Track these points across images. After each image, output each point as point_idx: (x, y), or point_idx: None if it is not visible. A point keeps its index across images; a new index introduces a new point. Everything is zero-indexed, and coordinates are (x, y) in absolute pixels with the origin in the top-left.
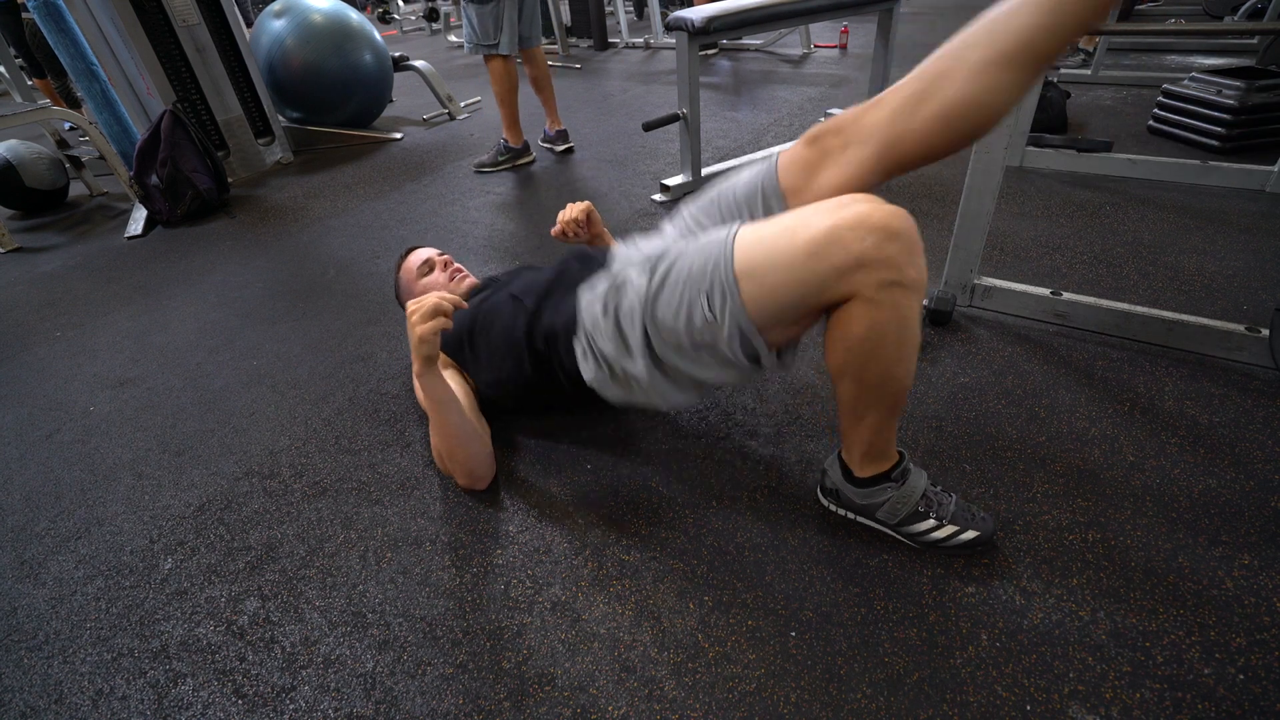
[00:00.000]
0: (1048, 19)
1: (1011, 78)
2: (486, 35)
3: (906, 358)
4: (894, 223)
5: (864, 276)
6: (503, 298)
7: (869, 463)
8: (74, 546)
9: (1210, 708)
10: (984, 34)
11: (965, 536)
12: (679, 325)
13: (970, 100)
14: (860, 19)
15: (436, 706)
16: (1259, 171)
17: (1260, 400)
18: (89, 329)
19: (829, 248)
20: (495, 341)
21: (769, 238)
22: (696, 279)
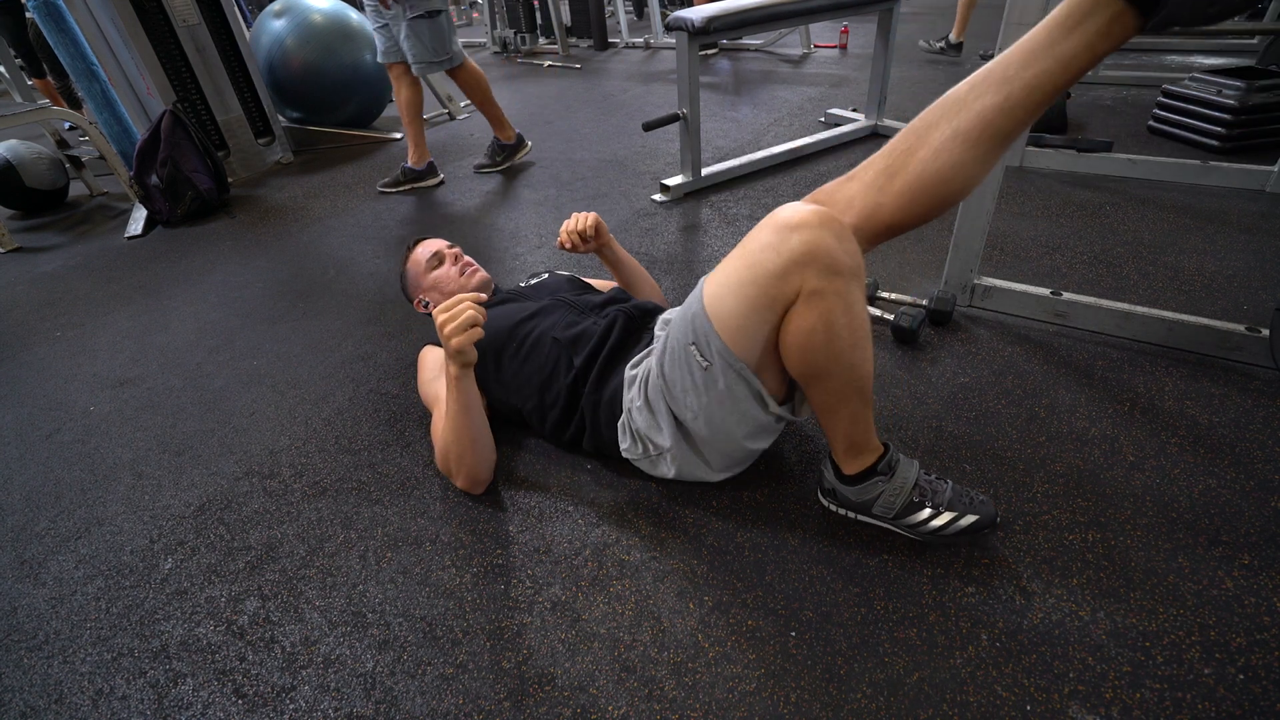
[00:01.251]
0: (1001, 99)
1: (973, 154)
2: (442, 50)
3: (860, 343)
4: (811, 217)
5: (800, 273)
6: (543, 334)
7: (853, 458)
8: (74, 546)
9: (1210, 708)
10: (944, 112)
11: (964, 522)
12: (686, 381)
13: (935, 176)
14: (860, 19)
15: (436, 706)
16: (1259, 171)
17: (1260, 400)
18: (89, 329)
19: (763, 255)
20: (528, 376)
21: (721, 271)
22: (684, 333)
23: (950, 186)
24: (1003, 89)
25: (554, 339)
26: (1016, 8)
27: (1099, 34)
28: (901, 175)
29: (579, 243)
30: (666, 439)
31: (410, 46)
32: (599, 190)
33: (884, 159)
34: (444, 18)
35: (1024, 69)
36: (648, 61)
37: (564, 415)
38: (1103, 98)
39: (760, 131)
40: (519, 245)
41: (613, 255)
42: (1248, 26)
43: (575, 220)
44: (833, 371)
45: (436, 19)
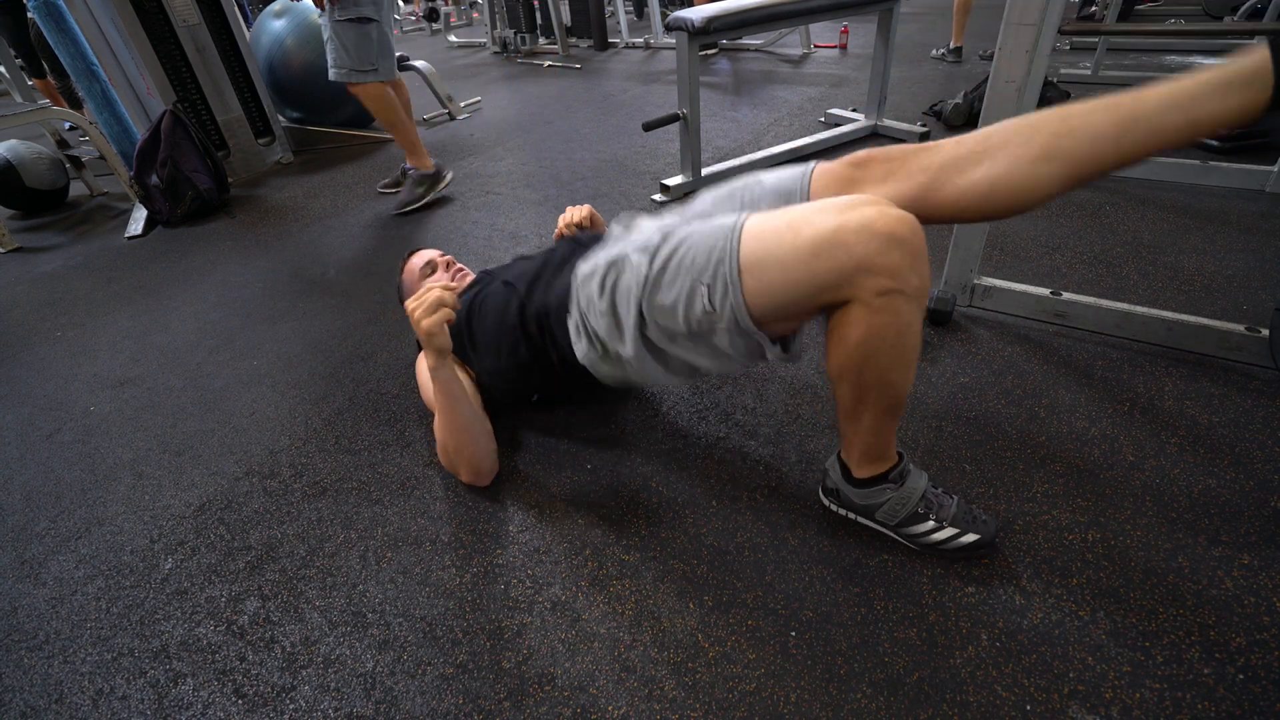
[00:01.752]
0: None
1: (1064, 175)
2: (363, 60)
3: (905, 364)
4: (899, 229)
5: (864, 281)
6: (496, 286)
7: (867, 464)
8: (74, 546)
9: (1210, 708)
10: (1057, 122)
11: (965, 539)
12: (677, 313)
13: (1019, 180)
14: (860, 19)
15: (436, 706)
16: (1259, 171)
17: (1260, 400)
18: (89, 329)
19: (831, 249)
20: (490, 328)
21: (772, 232)
22: (699, 268)
23: (1025, 198)
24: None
25: (503, 282)
26: (1016, 8)
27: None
28: (984, 165)
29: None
30: (629, 349)
31: (330, 50)
32: (599, 190)
33: (974, 142)
34: (375, 29)
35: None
36: (648, 61)
37: (528, 345)
38: None
39: (760, 131)
40: (519, 245)
41: None
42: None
43: (570, 213)
44: (869, 383)
45: (365, 27)
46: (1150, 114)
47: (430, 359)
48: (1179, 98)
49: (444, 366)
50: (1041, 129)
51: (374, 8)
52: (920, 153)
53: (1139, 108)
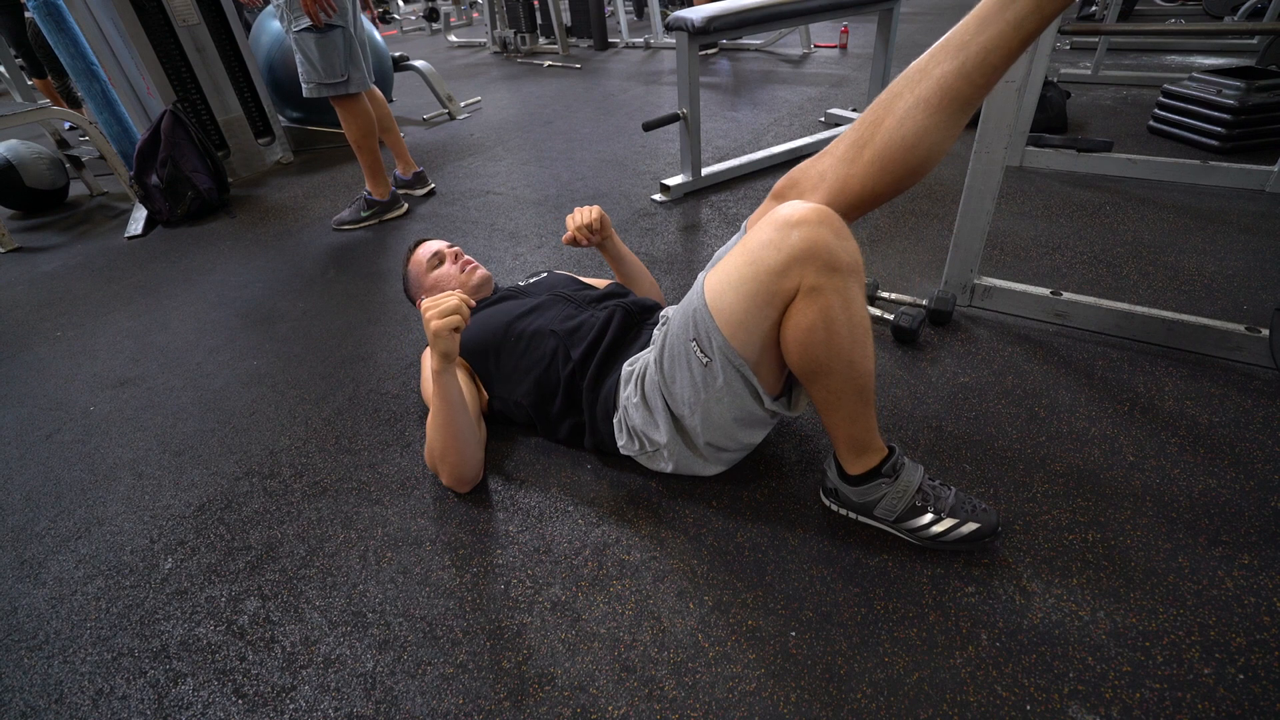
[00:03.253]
0: (959, 64)
1: (936, 120)
2: (332, 71)
3: (860, 340)
4: (810, 215)
5: (800, 269)
6: (541, 328)
7: (857, 457)
8: (74, 546)
9: (1210, 708)
10: (906, 83)
11: (965, 529)
12: (684, 378)
13: (901, 143)
14: (860, 19)
15: (436, 706)
16: (1259, 171)
17: (1260, 400)
18: (89, 329)
19: (763, 252)
20: (525, 369)
21: (721, 267)
22: (684, 329)
23: (916, 153)
24: (959, 55)
25: (551, 331)
26: None
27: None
28: (870, 146)
29: (587, 236)
30: (663, 435)
31: (299, 64)
32: (599, 190)
33: (853, 133)
34: (339, 35)
35: (977, 34)
36: (648, 61)
37: (562, 409)
38: (1102, 98)
39: (760, 131)
40: (520, 245)
41: (615, 250)
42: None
43: (580, 214)
44: (833, 368)
45: (327, 35)
46: (973, 35)
47: (435, 362)
48: (988, 12)
49: (447, 371)
50: (899, 94)
51: (338, 14)
52: (817, 161)
53: (964, 35)
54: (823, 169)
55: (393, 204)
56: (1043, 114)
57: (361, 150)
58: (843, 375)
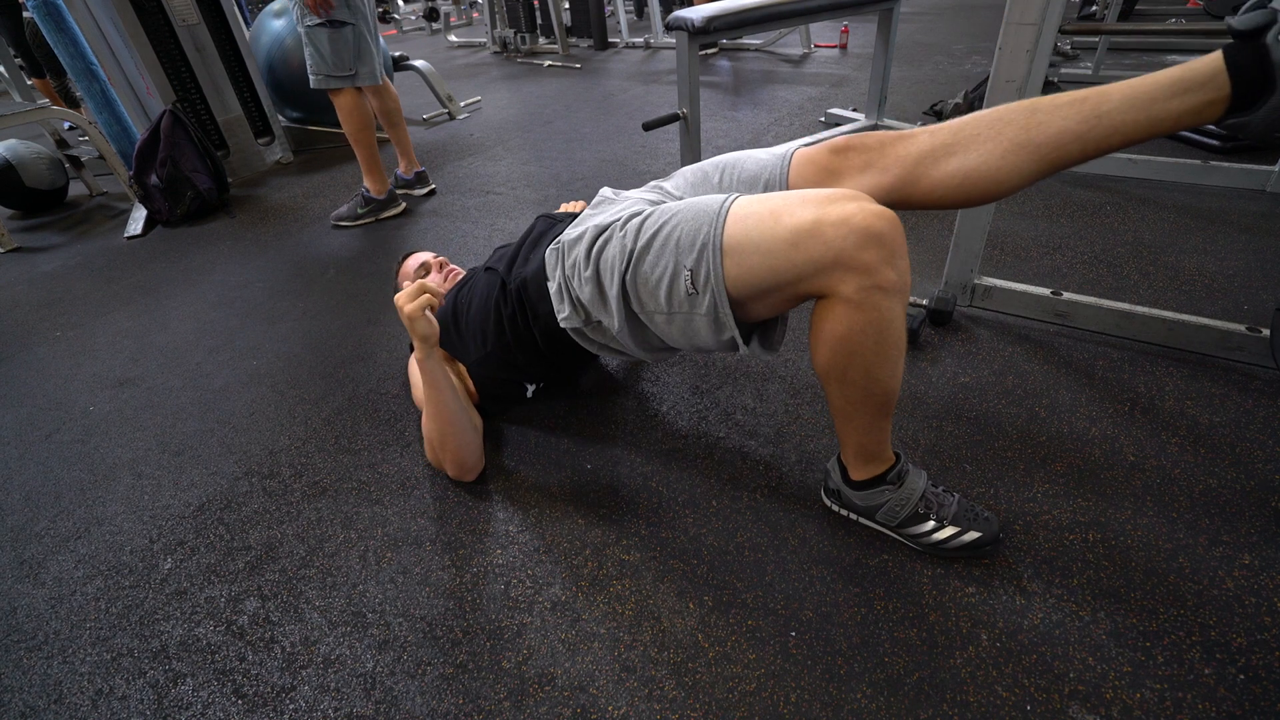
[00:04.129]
0: (1083, 129)
1: (1033, 167)
2: (341, 65)
3: (889, 360)
4: (876, 225)
5: (841, 276)
6: (479, 274)
7: (864, 465)
8: (74, 546)
9: (1210, 708)
10: (1025, 115)
11: (967, 538)
12: (660, 291)
13: (989, 172)
14: (860, 19)
15: (436, 706)
16: (1259, 171)
17: (1260, 400)
18: (89, 329)
19: (809, 240)
20: (474, 314)
21: (755, 218)
22: (684, 248)
23: (997, 189)
24: (1089, 121)
25: (484, 268)
26: (1016, 8)
27: (1196, 109)
28: (958, 157)
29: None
30: (615, 322)
31: (307, 56)
32: (599, 190)
33: (947, 134)
34: (350, 32)
35: (1118, 112)
36: (648, 61)
37: (510, 323)
38: None
39: (760, 131)
40: None
41: None
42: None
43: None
44: (856, 381)
45: (340, 30)
46: (1112, 111)
47: (417, 349)
48: (1139, 97)
49: (430, 357)
50: (1011, 123)
51: (347, 10)
52: (897, 142)
53: (1102, 104)
54: (899, 155)
55: (389, 201)
56: None
57: (358, 145)
58: (866, 389)
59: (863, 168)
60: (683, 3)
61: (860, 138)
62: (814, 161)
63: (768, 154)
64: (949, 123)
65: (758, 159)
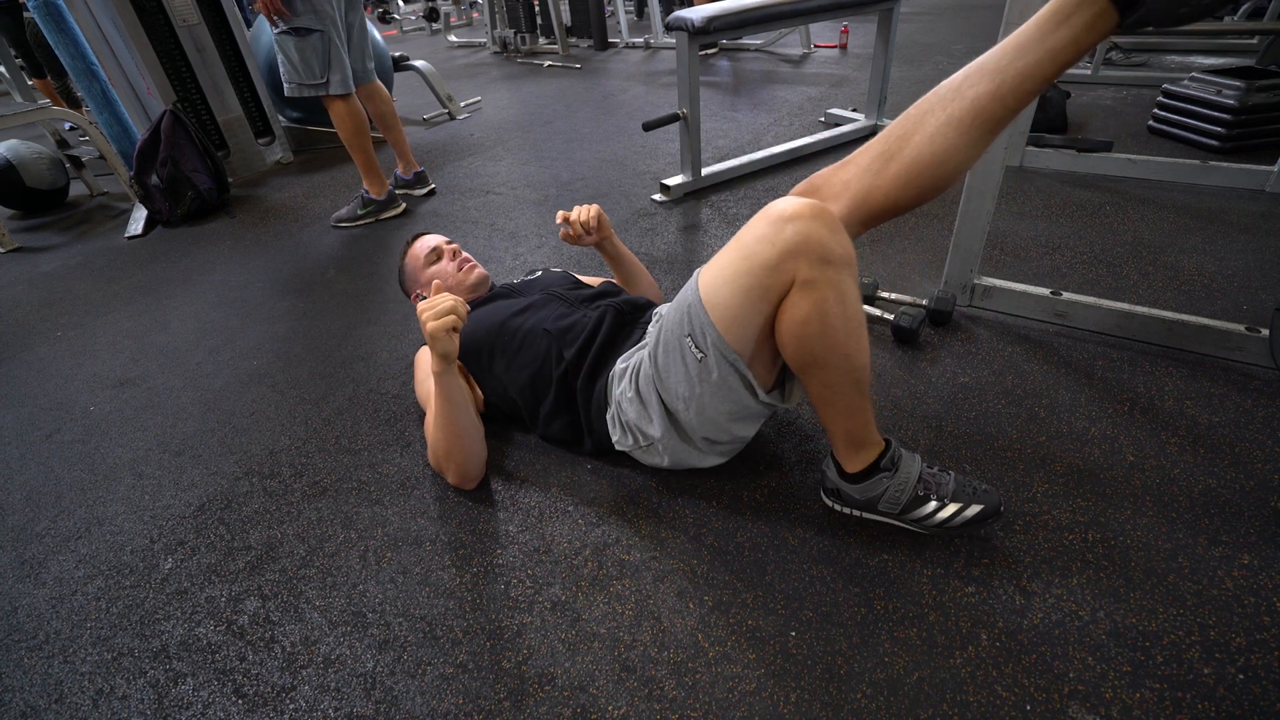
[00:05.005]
0: (994, 86)
1: (966, 139)
2: (311, 74)
3: (854, 334)
4: (804, 209)
5: (794, 263)
6: (534, 327)
7: (856, 453)
8: (74, 546)
9: (1210, 708)
10: (939, 100)
11: (970, 512)
12: (678, 371)
13: (929, 160)
14: (860, 19)
15: (436, 706)
16: (1259, 171)
17: (1260, 400)
18: (89, 329)
19: (758, 247)
20: (519, 369)
21: (714, 263)
22: (679, 324)
23: (943, 169)
24: (995, 78)
25: (545, 330)
26: (1016, 7)
27: (1084, 28)
28: (897, 159)
29: (582, 234)
30: (657, 429)
31: (280, 64)
32: (599, 190)
33: (880, 144)
34: (317, 40)
35: (1015, 60)
36: (648, 61)
37: (554, 408)
38: (1103, 98)
39: (760, 131)
40: (519, 245)
41: (613, 250)
42: (1248, 26)
43: (578, 211)
44: (828, 361)
45: (306, 38)
46: (1011, 62)
47: (435, 363)
48: (1029, 40)
49: (448, 372)
50: (929, 111)
51: (314, 17)
52: (839, 170)
53: (1001, 59)
54: (846, 178)
55: (389, 203)
56: (1043, 114)
57: (354, 149)
58: (838, 368)
59: None
60: (683, 3)
61: (810, 181)
62: None
63: None
64: (877, 136)
65: None
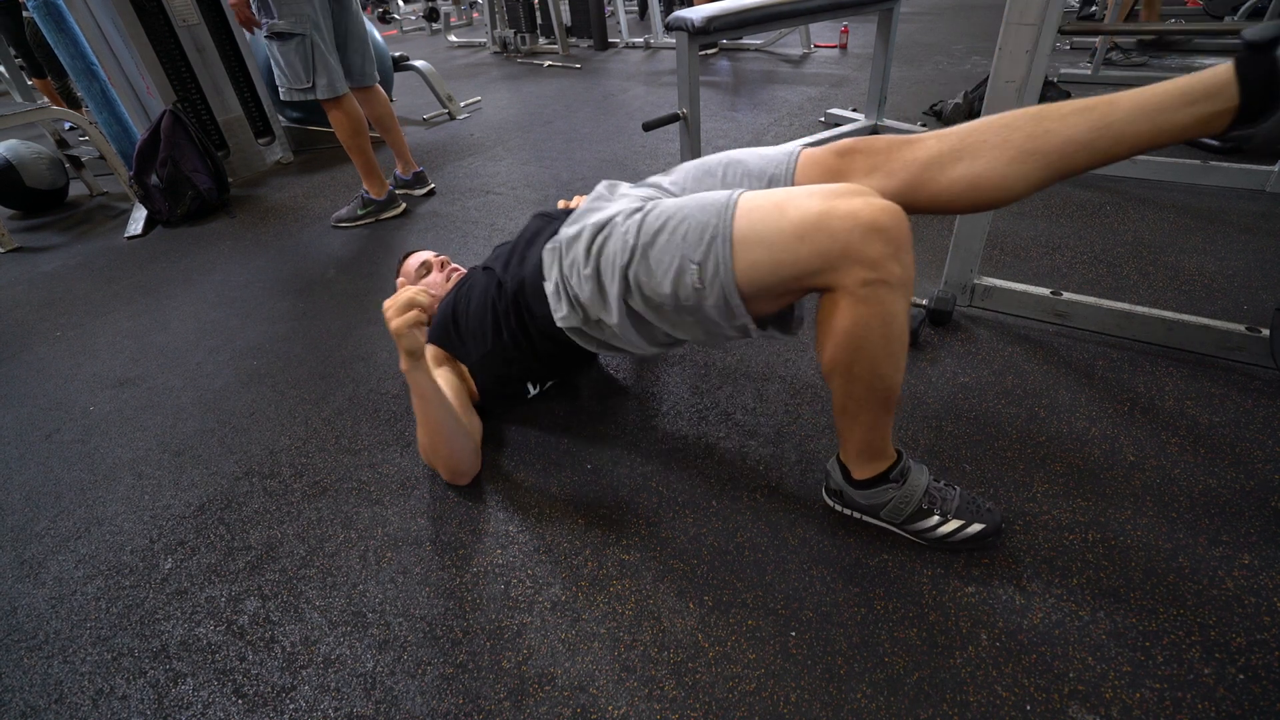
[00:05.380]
0: (1091, 138)
1: (1039, 174)
2: (297, 78)
3: (894, 355)
4: (882, 219)
5: (847, 270)
6: (478, 274)
7: (866, 463)
8: (74, 546)
9: (1210, 708)
10: (1032, 123)
11: (971, 530)
12: (665, 287)
13: (995, 179)
14: (860, 19)
15: (436, 706)
16: (1259, 171)
17: (1260, 400)
18: (89, 329)
19: (816, 233)
20: (473, 315)
21: (761, 211)
22: (691, 243)
23: (1003, 194)
24: (1096, 130)
25: (482, 268)
26: (1016, 8)
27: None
28: (965, 163)
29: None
30: (614, 317)
31: (273, 67)
32: None
33: (954, 138)
34: (299, 43)
35: (1125, 122)
36: (648, 61)
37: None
38: None
39: (760, 131)
40: None
41: None
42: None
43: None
44: (860, 376)
45: (288, 42)
46: (1120, 120)
47: (403, 361)
48: (1147, 107)
49: (416, 369)
50: (1018, 129)
51: (295, 21)
52: (904, 147)
53: (1110, 114)
54: (905, 160)
55: (389, 203)
56: None
57: (352, 150)
58: (868, 384)
59: (868, 171)
60: (684, 2)
61: (867, 141)
62: (819, 163)
63: (773, 151)
64: (956, 128)
65: (763, 155)
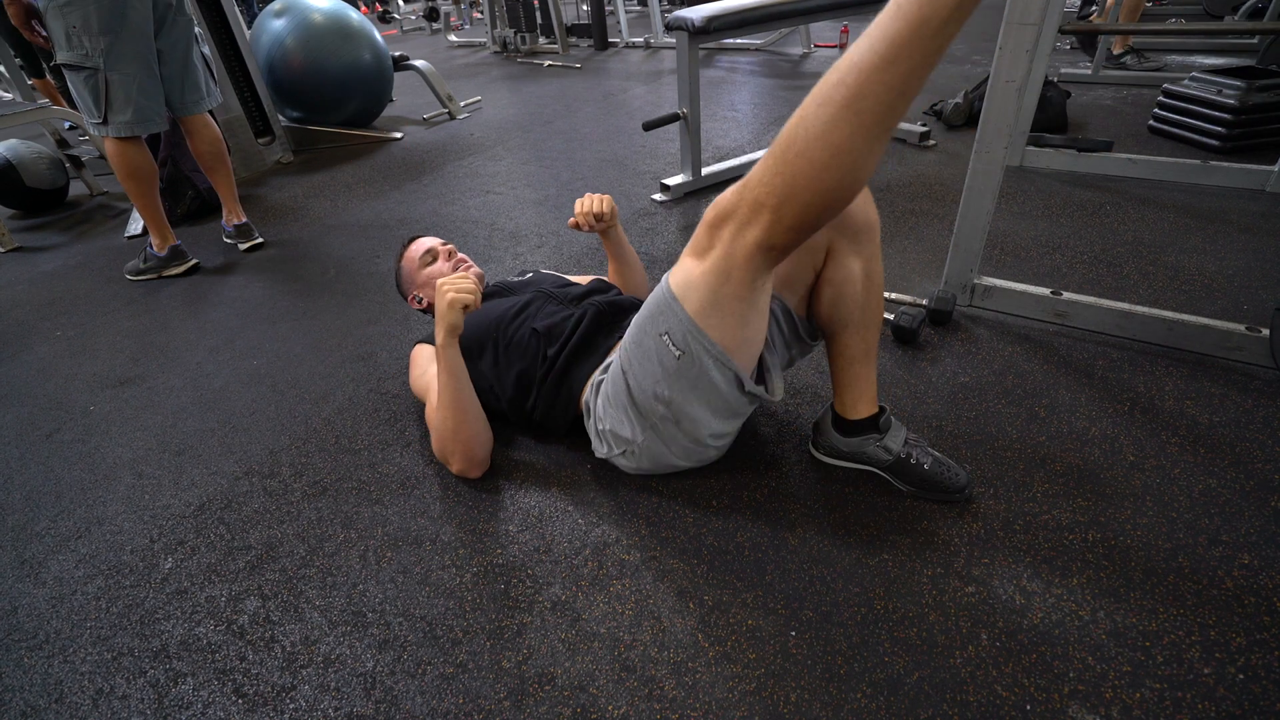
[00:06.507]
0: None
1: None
2: (89, 112)
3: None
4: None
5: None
6: (523, 326)
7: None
8: (74, 546)
9: (1210, 708)
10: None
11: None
12: (656, 375)
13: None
14: (860, 19)
15: (436, 706)
16: (1259, 171)
17: (1260, 400)
18: (89, 328)
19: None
20: (509, 365)
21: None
22: (651, 323)
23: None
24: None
25: (533, 330)
26: (1017, 8)
27: None
28: None
29: (593, 223)
30: (629, 431)
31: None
32: (599, 190)
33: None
34: (89, 76)
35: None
36: (648, 61)
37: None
38: (1103, 98)
39: (760, 131)
40: (519, 245)
41: (616, 239)
42: (1248, 26)
43: (591, 201)
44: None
45: (78, 74)
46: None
47: (441, 338)
48: None
49: (452, 346)
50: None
51: (83, 55)
52: None
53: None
54: None
55: (171, 259)
56: (1043, 114)
57: (130, 196)
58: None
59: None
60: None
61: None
62: None
63: None
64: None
65: None
